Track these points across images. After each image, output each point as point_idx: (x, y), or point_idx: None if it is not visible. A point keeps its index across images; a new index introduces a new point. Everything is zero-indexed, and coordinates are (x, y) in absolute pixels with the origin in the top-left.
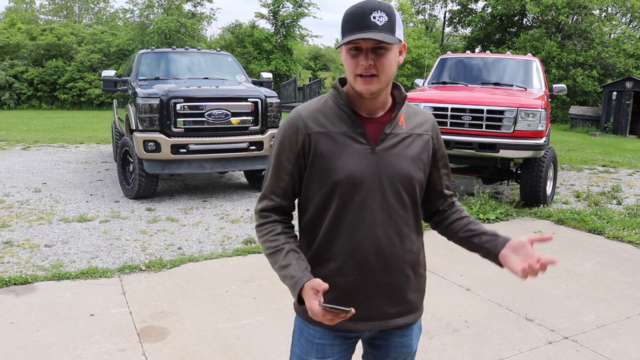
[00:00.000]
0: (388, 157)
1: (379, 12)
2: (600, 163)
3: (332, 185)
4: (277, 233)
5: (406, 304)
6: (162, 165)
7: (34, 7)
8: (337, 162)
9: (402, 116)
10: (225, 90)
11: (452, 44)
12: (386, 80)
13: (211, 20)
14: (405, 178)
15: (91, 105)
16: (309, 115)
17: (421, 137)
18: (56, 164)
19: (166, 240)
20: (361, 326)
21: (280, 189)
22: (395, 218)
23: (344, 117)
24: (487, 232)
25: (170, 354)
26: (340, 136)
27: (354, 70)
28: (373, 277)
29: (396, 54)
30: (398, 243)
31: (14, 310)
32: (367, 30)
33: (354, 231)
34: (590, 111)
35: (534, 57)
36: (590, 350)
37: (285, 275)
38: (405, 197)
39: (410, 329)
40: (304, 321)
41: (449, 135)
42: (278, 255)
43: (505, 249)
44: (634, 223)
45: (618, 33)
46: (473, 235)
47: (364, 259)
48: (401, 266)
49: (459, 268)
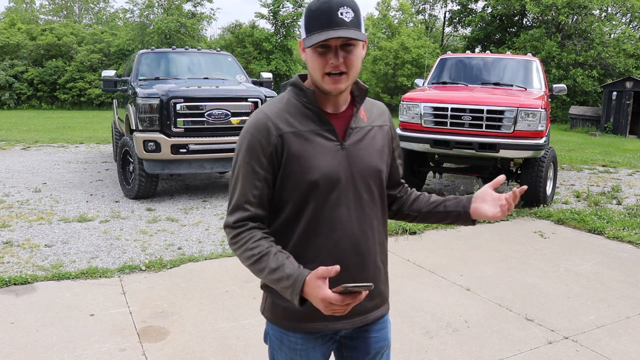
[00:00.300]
0: (357, 152)
1: (346, 8)
2: (600, 163)
3: (308, 185)
4: (257, 239)
5: (380, 296)
6: (162, 165)
7: (34, 7)
8: (312, 161)
9: (361, 109)
10: (225, 90)
11: (452, 44)
12: (354, 77)
13: (211, 20)
14: (374, 171)
15: (91, 105)
16: (277, 115)
17: (382, 129)
18: (56, 164)
19: (166, 240)
20: (343, 324)
21: (255, 197)
22: (368, 212)
23: (310, 115)
24: (449, 198)
25: (170, 354)
26: (310, 134)
27: (322, 69)
28: (351, 273)
29: (362, 50)
30: (371, 237)
31: (14, 310)
32: (336, 28)
33: (332, 229)
34: (590, 111)
35: (534, 57)
36: (590, 350)
37: (280, 278)
38: (375, 191)
39: (385, 321)
40: (283, 329)
41: (449, 135)
42: (265, 260)
43: (473, 204)
44: (634, 223)
45: (618, 33)
46: (437, 205)
47: (342, 257)
48: (374, 260)
49: (459, 268)
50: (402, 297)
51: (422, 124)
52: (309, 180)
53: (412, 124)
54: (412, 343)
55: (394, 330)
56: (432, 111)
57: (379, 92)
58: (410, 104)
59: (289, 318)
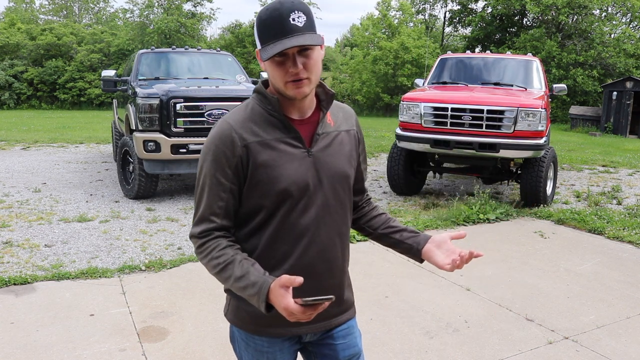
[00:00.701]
0: (324, 158)
1: (297, 13)
2: (600, 163)
3: (276, 195)
4: (222, 247)
5: (346, 302)
6: (162, 165)
7: (33, 7)
8: (279, 170)
9: (328, 114)
10: (225, 90)
11: (452, 44)
12: (316, 80)
13: (211, 20)
14: (342, 177)
15: (91, 105)
16: (241, 125)
17: (348, 133)
18: (56, 164)
19: (166, 240)
20: (306, 329)
21: (220, 209)
22: (336, 219)
23: (275, 123)
24: (407, 228)
25: (170, 354)
26: (276, 143)
27: (283, 78)
28: (319, 281)
29: (320, 52)
30: (338, 244)
31: (14, 310)
32: (290, 35)
33: (299, 236)
34: (591, 111)
35: (534, 57)
36: (590, 350)
37: (246, 285)
38: (343, 197)
39: (351, 326)
40: (248, 333)
41: (449, 135)
42: (230, 268)
43: (428, 244)
44: (634, 223)
45: (618, 33)
46: (393, 232)
47: (310, 264)
48: (342, 266)
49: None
50: (402, 297)
51: (422, 124)
52: (277, 189)
53: (412, 124)
54: (412, 343)
55: (394, 330)
56: (432, 111)
57: (379, 92)
58: (410, 104)
59: (253, 322)
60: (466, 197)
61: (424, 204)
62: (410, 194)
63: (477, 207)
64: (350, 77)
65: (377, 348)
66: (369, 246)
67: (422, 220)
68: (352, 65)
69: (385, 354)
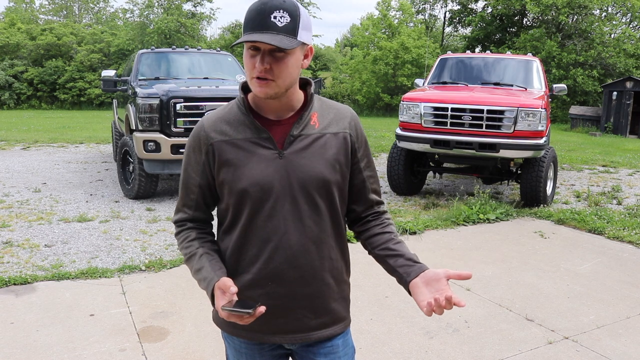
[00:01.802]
0: (298, 161)
1: (281, 12)
2: (600, 163)
3: (239, 194)
4: (191, 239)
5: (329, 314)
6: (162, 165)
7: (33, 7)
8: (243, 170)
9: (314, 115)
10: (225, 90)
11: (452, 44)
12: (284, 85)
13: (211, 20)
14: (317, 182)
15: (91, 105)
16: (211, 124)
17: (336, 136)
18: (56, 164)
19: (166, 240)
20: (280, 339)
21: (192, 201)
22: (309, 225)
23: (247, 123)
24: (405, 254)
25: (170, 354)
26: (245, 143)
27: (250, 72)
28: (289, 288)
29: (298, 59)
30: (314, 250)
31: (14, 310)
32: (264, 31)
33: (265, 241)
34: (591, 111)
35: (534, 57)
36: (590, 350)
37: (200, 279)
38: (320, 202)
39: (334, 345)
40: (226, 333)
41: (449, 135)
42: (192, 260)
43: (417, 279)
44: (634, 223)
45: (618, 33)
46: (389, 256)
47: (277, 270)
48: (320, 275)
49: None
50: (402, 297)
51: (422, 124)
52: (239, 189)
53: (412, 124)
54: (412, 343)
55: (394, 330)
56: (432, 111)
57: (379, 92)
58: (410, 104)
59: (228, 324)
60: (466, 197)
61: (424, 204)
62: (410, 194)
63: (477, 207)
64: (350, 77)
65: (377, 348)
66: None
67: (422, 220)
68: (352, 65)
69: (385, 354)
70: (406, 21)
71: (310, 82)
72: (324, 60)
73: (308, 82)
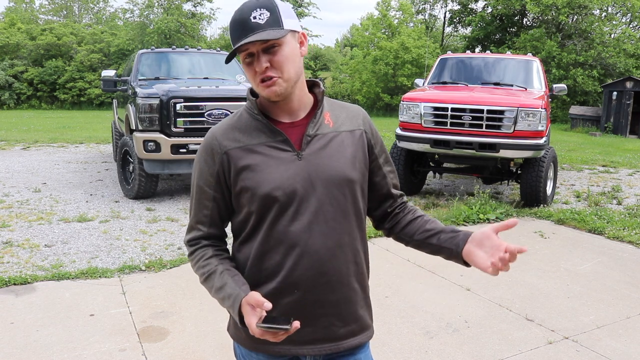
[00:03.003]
0: (318, 161)
1: (259, 10)
2: (600, 163)
3: (260, 200)
4: (208, 257)
5: (357, 322)
6: (162, 165)
7: (33, 7)
8: (262, 175)
9: (327, 114)
10: (225, 90)
11: (452, 44)
12: (290, 77)
13: (211, 20)
14: (340, 180)
15: (91, 105)
16: (223, 133)
17: (352, 134)
18: (56, 164)
19: (166, 240)
20: (308, 350)
21: (206, 217)
22: (334, 227)
23: (261, 127)
24: (445, 229)
25: (170, 354)
26: (261, 147)
27: (254, 79)
28: (316, 295)
29: (294, 47)
30: (340, 255)
31: (14, 310)
32: (250, 34)
33: (290, 247)
34: (591, 111)
35: (534, 57)
36: (590, 350)
37: (223, 297)
38: (344, 202)
39: (363, 352)
40: (246, 349)
41: (449, 135)
42: (212, 279)
43: (468, 245)
44: (634, 223)
45: (618, 33)
46: (430, 236)
47: (304, 277)
48: (347, 280)
49: (459, 268)
50: (402, 297)
51: (422, 124)
52: (261, 194)
53: (412, 124)
54: (412, 343)
55: (394, 330)
56: (432, 111)
57: (379, 92)
58: (410, 104)
59: (250, 338)
60: (466, 197)
61: (424, 204)
62: (410, 194)
63: (477, 207)
64: (350, 77)
65: (377, 348)
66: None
67: None
68: (352, 65)
69: (385, 354)
70: (406, 21)
71: (318, 84)
72: (324, 60)
73: (316, 84)
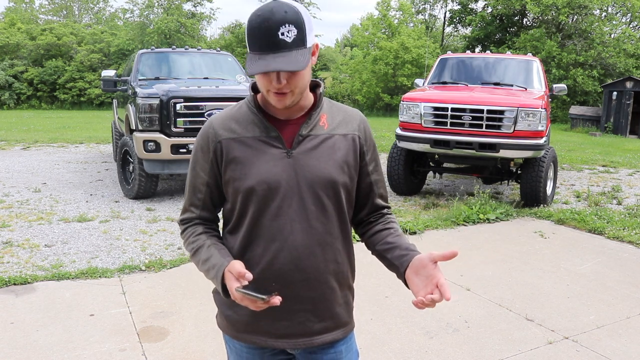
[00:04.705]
0: (306, 161)
1: (287, 26)
2: (600, 163)
3: (245, 192)
4: (198, 233)
5: (333, 319)
6: (162, 165)
7: (33, 7)
8: (250, 167)
9: (324, 116)
10: (225, 90)
11: (452, 44)
12: (301, 92)
13: (211, 20)
14: (326, 182)
15: (91, 105)
16: (220, 122)
17: (346, 138)
18: (56, 164)
19: (166, 240)
20: (283, 343)
21: (199, 201)
22: (316, 226)
23: (256, 122)
24: (401, 245)
25: (170, 354)
26: (253, 141)
27: (266, 87)
28: (293, 290)
29: (310, 61)
30: (320, 253)
31: (14, 310)
32: (276, 52)
33: (271, 241)
34: (591, 111)
35: (534, 57)
36: (590, 350)
37: (208, 268)
38: (327, 203)
39: (338, 351)
40: (229, 337)
41: (449, 135)
42: (200, 252)
43: (409, 270)
44: (634, 223)
45: (618, 33)
46: (387, 249)
47: (282, 271)
48: (325, 278)
49: (459, 268)
50: (402, 297)
51: (422, 124)
52: (245, 187)
53: (412, 124)
54: (412, 343)
55: (394, 330)
56: (432, 111)
57: (379, 92)
58: (410, 104)
59: (231, 327)
60: (466, 197)
61: (424, 204)
62: (410, 194)
63: (477, 207)
64: (350, 77)
65: (377, 348)
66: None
67: (422, 220)
68: (352, 65)
69: (385, 354)
70: (406, 21)
71: (320, 84)
72: (324, 60)
73: (318, 84)
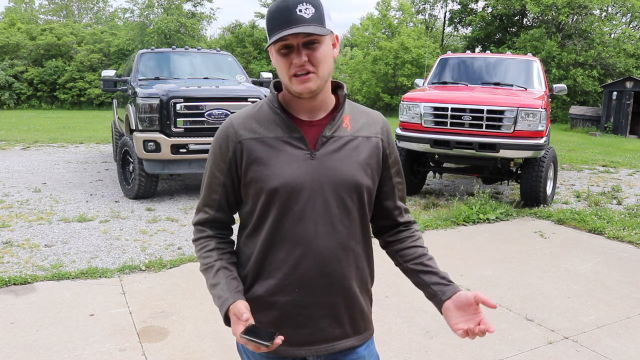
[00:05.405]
0: (330, 163)
1: (305, 4)
2: (600, 163)
3: (268, 194)
4: (209, 249)
5: (353, 325)
6: (162, 165)
7: (33, 7)
8: (273, 168)
9: (346, 117)
10: (225, 90)
11: (452, 44)
12: (324, 75)
13: (211, 20)
14: (350, 185)
15: (91, 105)
16: (241, 122)
17: (369, 140)
18: (56, 164)
19: (166, 240)
20: (305, 351)
21: (214, 202)
22: (340, 229)
23: (279, 122)
24: (439, 272)
25: (170, 354)
26: (276, 141)
27: (287, 71)
28: (316, 296)
29: (330, 47)
30: (343, 257)
31: (14, 310)
32: (294, 25)
33: (294, 245)
34: (591, 111)
35: (534, 57)
36: (590, 350)
37: (214, 295)
38: (351, 206)
39: (361, 355)
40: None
41: (449, 135)
42: (209, 273)
43: (450, 301)
44: (634, 223)
45: (618, 33)
46: (423, 272)
47: (305, 276)
48: (347, 284)
49: (459, 268)
50: (402, 297)
51: (422, 124)
52: (268, 188)
53: (412, 124)
54: (412, 343)
55: (394, 330)
56: (432, 111)
57: (379, 92)
58: (410, 104)
59: None
60: (466, 197)
61: (424, 204)
62: (410, 194)
63: (477, 207)
64: (350, 77)
65: (377, 348)
66: None
67: (422, 220)
68: (352, 65)
69: (385, 354)
70: (406, 21)
71: (342, 85)
72: None
73: (340, 85)
